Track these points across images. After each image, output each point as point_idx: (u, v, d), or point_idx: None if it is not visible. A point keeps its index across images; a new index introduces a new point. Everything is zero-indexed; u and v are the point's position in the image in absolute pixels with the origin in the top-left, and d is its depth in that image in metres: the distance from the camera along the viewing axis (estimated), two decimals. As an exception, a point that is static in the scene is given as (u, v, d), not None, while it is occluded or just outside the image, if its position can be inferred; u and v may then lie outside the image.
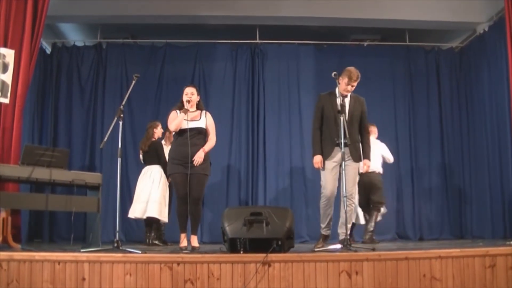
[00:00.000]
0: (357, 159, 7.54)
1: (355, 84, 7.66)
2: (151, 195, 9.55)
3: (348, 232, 7.14)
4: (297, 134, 12.03)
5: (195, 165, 7.42)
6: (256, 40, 12.42)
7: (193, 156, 7.42)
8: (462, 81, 12.60)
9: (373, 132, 10.43)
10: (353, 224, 9.76)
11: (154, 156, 9.69)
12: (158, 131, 9.90)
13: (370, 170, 9.52)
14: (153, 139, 9.84)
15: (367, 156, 7.67)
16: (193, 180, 7.44)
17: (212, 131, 7.78)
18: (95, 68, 12.25)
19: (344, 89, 7.66)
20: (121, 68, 12.25)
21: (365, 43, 13.07)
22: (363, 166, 7.63)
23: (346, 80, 7.61)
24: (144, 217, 9.62)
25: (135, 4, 11.59)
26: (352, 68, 7.70)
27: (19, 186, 8.70)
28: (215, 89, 12.25)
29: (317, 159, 7.66)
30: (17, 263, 5.87)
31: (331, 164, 7.57)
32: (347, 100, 7.68)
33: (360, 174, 10.19)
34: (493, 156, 11.17)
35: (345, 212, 7.16)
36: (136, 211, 9.64)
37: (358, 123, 7.67)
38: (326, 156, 7.61)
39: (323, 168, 7.64)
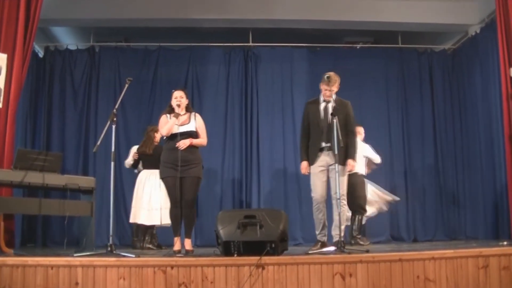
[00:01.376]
0: (342, 162, 7.55)
1: (333, 88, 7.79)
2: (162, 202, 9.50)
3: (342, 234, 7.16)
4: (290, 137, 12.02)
5: (179, 148, 7.40)
6: (249, 43, 12.42)
7: (184, 160, 7.41)
8: (454, 83, 12.63)
9: (360, 133, 10.45)
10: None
11: (157, 160, 9.62)
12: (158, 135, 9.85)
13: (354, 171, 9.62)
14: (156, 143, 9.81)
15: (351, 156, 7.71)
16: (185, 183, 7.44)
17: (203, 133, 7.75)
18: (88, 71, 12.22)
19: (324, 94, 7.83)
20: (114, 71, 12.22)
21: (358, 46, 13.07)
22: (347, 166, 7.65)
23: (324, 85, 7.78)
24: (161, 224, 9.59)
25: (128, 7, 11.60)
26: (330, 73, 7.83)
27: (12, 191, 8.68)
28: (209, 92, 12.24)
29: (303, 165, 7.91)
30: (10, 268, 5.86)
31: (317, 168, 7.75)
32: (330, 105, 7.79)
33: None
34: (485, 157, 11.20)
35: (339, 214, 7.19)
36: (152, 219, 9.53)
37: (344, 127, 7.67)
38: (312, 161, 7.80)
39: (310, 173, 7.83)
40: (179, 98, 7.67)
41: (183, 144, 7.40)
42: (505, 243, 8.21)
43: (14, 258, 6.09)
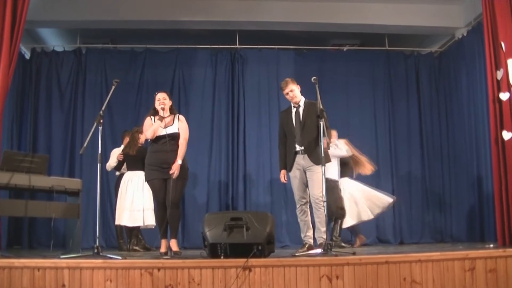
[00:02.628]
0: (318, 162, 7.48)
1: (287, 91, 7.92)
2: (145, 203, 9.49)
3: (324, 236, 7.21)
4: (277, 139, 11.94)
5: (173, 177, 7.38)
6: (236, 45, 12.43)
7: (169, 162, 7.40)
8: (441, 86, 12.68)
9: (333, 136, 10.39)
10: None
11: (140, 161, 9.61)
12: (142, 137, 9.81)
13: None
14: (140, 145, 9.78)
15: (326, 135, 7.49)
16: (170, 184, 7.42)
17: (183, 134, 7.66)
18: (75, 73, 12.19)
19: (288, 99, 8.03)
20: (101, 73, 12.20)
21: (345, 48, 13.10)
22: (324, 142, 7.41)
23: (283, 93, 8.01)
24: (144, 225, 9.56)
25: (114, 9, 11.58)
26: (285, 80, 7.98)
27: (-2, 193, 8.64)
28: (195, 95, 12.23)
29: (281, 174, 8.06)
30: (-4, 270, 5.84)
31: (294, 172, 7.85)
32: (301, 110, 7.89)
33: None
34: (471, 159, 11.25)
35: (325, 216, 7.21)
36: (135, 220, 9.50)
37: (316, 128, 7.64)
38: (290, 167, 7.90)
39: (288, 179, 7.98)
40: (162, 100, 7.68)
41: (176, 170, 7.39)
42: (491, 245, 8.26)
43: (0, 260, 6.06)
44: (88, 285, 5.78)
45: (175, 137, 7.58)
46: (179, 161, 7.45)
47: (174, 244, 7.58)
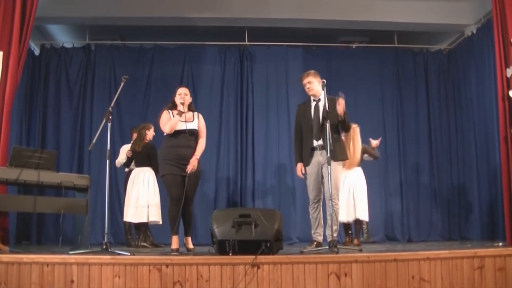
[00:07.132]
0: (335, 158, 7.48)
1: (305, 82, 7.98)
2: (150, 199, 9.52)
3: (335, 234, 7.18)
4: (285, 136, 12.00)
5: (187, 172, 7.34)
6: (245, 42, 12.42)
7: (186, 158, 7.39)
8: (450, 83, 12.65)
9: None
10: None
11: (145, 158, 9.64)
12: (150, 133, 9.86)
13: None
14: (146, 141, 9.80)
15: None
16: (187, 181, 7.37)
17: (203, 134, 7.71)
18: (84, 69, 12.21)
19: (307, 90, 8.01)
20: (110, 69, 12.22)
21: (354, 45, 13.06)
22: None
23: (303, 81, 8.01)
24: (148, 221, 9.57)
25: (123, 5, 11.59)
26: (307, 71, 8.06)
27: (7, 188, 8.65)
28: (204, 91, 12.23)
29: (298, 167, 7.93)
30: (5, 265, 5.85)
31: (311, 168, 7.76)
32: (321, 104, 7.75)
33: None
34: (481, 157, 11.22)
35: (331, 214, 7.19)
36: (140, 216, 9.52)
37: (336, 123, 7.64)
38: (307, 162, 7.80)
39: (305, 174, 7.85)
40: (183, 95, 7.64)
41: (192, 166, 7.39)
42: (500, 244, 8.23)
43: (9, 255, 6.08)
44: (97, 281, 5.80)
45: (194, 133, 7.58)
46: (197, 156, 7.46)
47: (189, 242, 7.62)
